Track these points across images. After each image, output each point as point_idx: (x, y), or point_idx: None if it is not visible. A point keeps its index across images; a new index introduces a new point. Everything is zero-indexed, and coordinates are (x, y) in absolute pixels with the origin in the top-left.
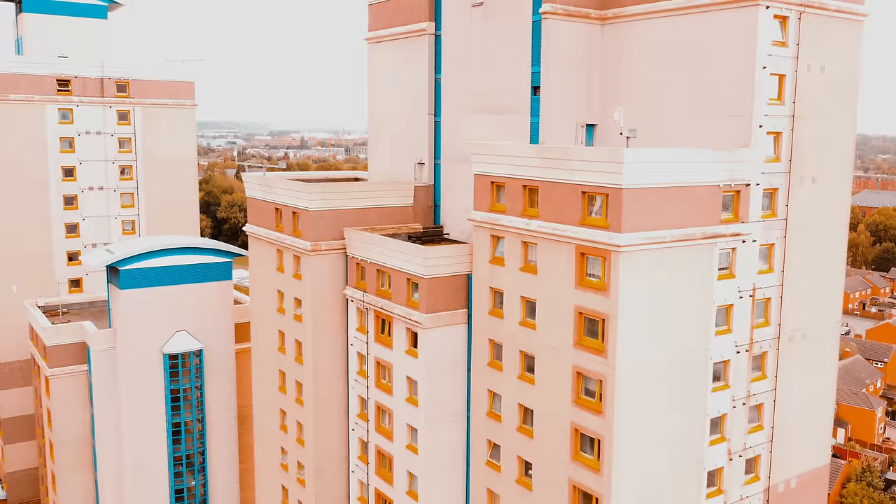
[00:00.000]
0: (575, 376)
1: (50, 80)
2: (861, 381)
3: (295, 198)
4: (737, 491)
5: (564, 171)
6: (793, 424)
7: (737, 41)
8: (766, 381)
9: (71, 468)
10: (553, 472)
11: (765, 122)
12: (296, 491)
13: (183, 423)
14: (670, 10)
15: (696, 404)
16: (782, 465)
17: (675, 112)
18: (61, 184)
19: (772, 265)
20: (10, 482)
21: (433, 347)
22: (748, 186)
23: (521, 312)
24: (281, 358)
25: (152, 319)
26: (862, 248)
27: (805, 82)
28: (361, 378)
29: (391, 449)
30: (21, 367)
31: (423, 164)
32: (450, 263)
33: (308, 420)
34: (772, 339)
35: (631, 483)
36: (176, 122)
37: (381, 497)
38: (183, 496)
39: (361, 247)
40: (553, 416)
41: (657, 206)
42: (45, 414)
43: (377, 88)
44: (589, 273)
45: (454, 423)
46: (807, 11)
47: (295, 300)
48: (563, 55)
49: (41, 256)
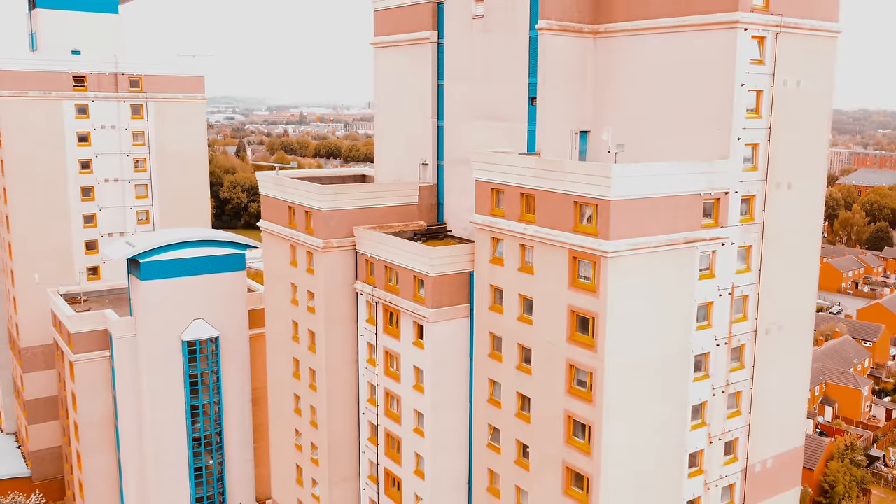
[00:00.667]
0: (568, 368)
1: (66, 77)
2: (849, 361)
3: (308, 198)
4: (716, 471)
5: (558, 181)
6: (769, 410)
7: (717, 60)
8: (744, 370)
9: (95, 448)
10: (548, 455)
11: (743, 135)
12: (309, 470)
13: (201, 405)
14: (657, 28)
15: (679, 393)
16: (759, 447)
17: (661, 122)
18: (78, 176)
19: (750, 265)
20: (35, 460)
21: (438, 339)
22: (727, 194)
23: (519, 309)
24: (295, 346)
25: (171, 308)
26: (856, 228)
27: (781, 96)
28: (371, 366)
29: (399, 432)
30: (43, 351)
31: (427, 165)
32: (453, 262)
33: (321, 404)
34: (749, 333)
35: (619, 465)
36: (187, 116)
37: (390, 476)
38: (202, 474)
39: (371, 245)
40: (548, 404)
41: (642, 215)
42: (70, 397)
43: (383, 91)
44: (580, 275)
45: (458, 408)
46: (783, 31)
47: (308, 293)
48: (558, 68)
49: (60, 246)
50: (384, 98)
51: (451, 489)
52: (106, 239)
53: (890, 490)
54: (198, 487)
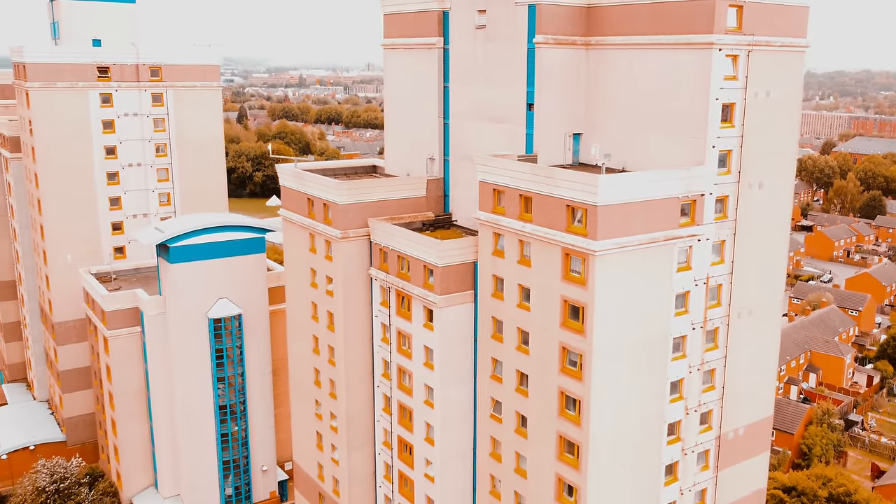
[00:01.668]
0: (561, 350)
1: (91, 68)
2: (834, 330)
3: (327, 192)
4: (692, 439)
5: (552, 187)
6: (740, 384)
7: (694, 76)
8: (717, 350)
9: (129, 416)
10: (544, 425)
11: (717, 143)
12: (329, 436)
13: (226, 376)
14: (641, 44)
15: (659, 371)
16: (731, 417)
17: (645, 127)
18: (104, 162)
19: (723, 257)
20: (69, 426)
21: (446, 322)
22: (703, 196)
23: (518, 297)
24: (314, 325)
25: (198, 288)
26: (850, 196)
27: (752, 107)
28: (385, 344)
29: (411, 403)
30: (75, 325)
31: (434, 160)
32: (460, 254)
33: (340, 378)
34: (723, 317)
35: (605, 434)
36: (204, 102)
37: (403, 442)
38: (227, 439)
39: (384, 236)
40: (544, 381)
41: (626, 217)
42: (104, 369)
43: (392, 89)
44: (572, 269)
45: (464, 383)
46: (755, 49)
47: (326, 277)
48: (554, 77)
49: (88, 227)
50: (393, 96)
51: (457, 455)
52: (130, 220)
53: (866, 452)
54: (224, 452)
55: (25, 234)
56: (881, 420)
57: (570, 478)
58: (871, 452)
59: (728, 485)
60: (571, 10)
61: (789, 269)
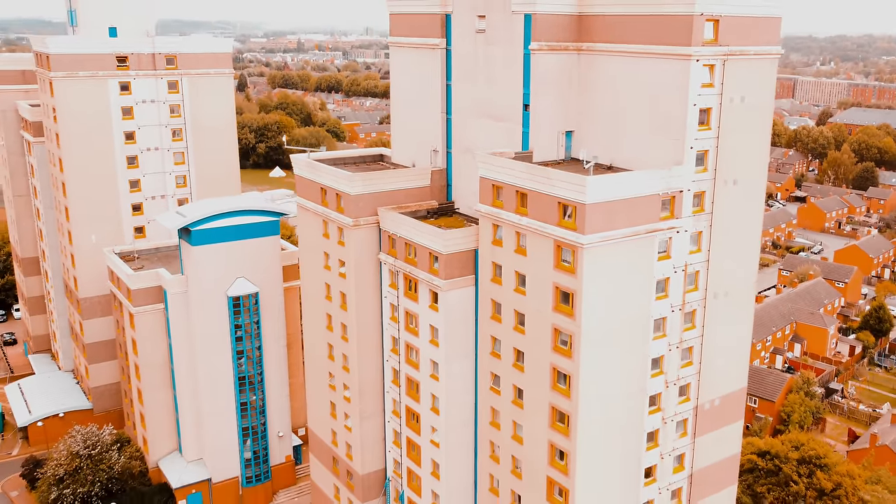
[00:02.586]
0: (553, 331)
1: (110, 58)
2: (820, 302)
3: (339, 183)
4: (672, 409)
5: (546, 185)
6: (716, 360)
7: (673, 84)
8: (695, 330)
9: (155, 386)
10: (538, 397)
11: (695, 144)
12: (342, 406)
13: (245, 350)
14: (626, 52)
15: (641, 349)
16: (707, 389)
17: (631, 127)
18: (124, 146)
19: (700, 247)
20: (95, 395)
21: (450, 304)
22: (681, 192)
23: (515, 282)
24: (328, 304)
25: (218, 269)
26: (843, 168)
27: (728, 111)
28: (393, 322)
29: (418, 377)
30: (100, 301)
31: (438, 152)
32: (462, 242)
33: (352, 352)
34: (700, 300)
35: (592, 405)
36: (217, 89)
37: (411, 412)
38: (246, 407)
39: (393, 224)
40: (537, 358)
41: (611, 213)
42: (130, 342)
43: (398, 84)
44: (563, 259)
45: (466, 359)
46: (730, 58)
47: (339, 261)
48: (548, 81)
49: (110, 209)
50: (400, 90)
51: (460, 423)
52: (149, 202)
53: (844, 419)
54: (243, 419)
55: (49, 214)
56: (861, 388)
57: (562, 444)
58: (849, 419)
59: (705, 450)
60: (564, 18)
61: (781, 240)
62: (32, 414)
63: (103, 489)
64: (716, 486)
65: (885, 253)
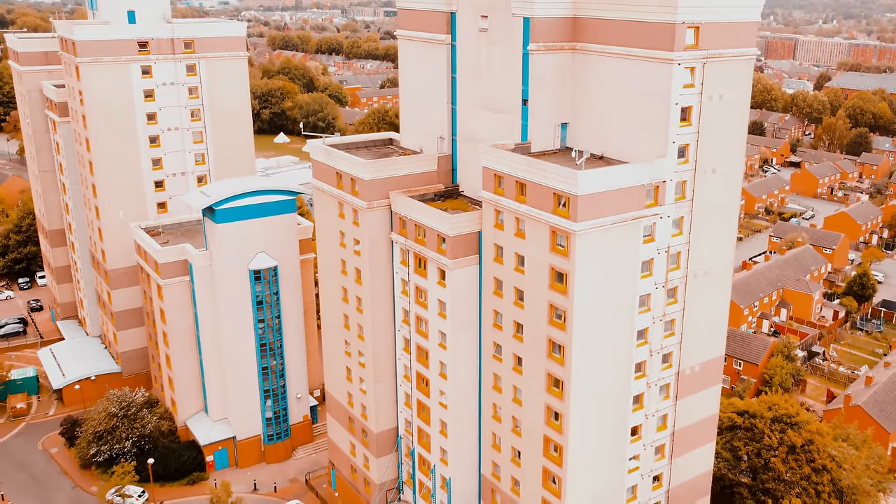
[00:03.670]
0: (549, 307)
1: (132, 43)
2: (806, 268)
3: (353, 169)
4: (656, 375)
5: (542, 177)
6: (696, 331)
7: (657, 85)
8: (676, 304)
9: (182, 352)
10: (535, 364)
11: (677, 139)
12: (357, 371)
13: (265, 319)
14: (615, 53)
15: (628, 322)
16: (688, 357)
17: (619, 121)
18: (146, 126)
19: (682, 230)
20: (124, 359)
21: (456, 281)
22: (664, 182)
23: (515, 262)
24: (343, 278)
25: (240, 244)
26: (838, 133)
27: (708, 108)
28: (404, 296)
29: (427, 345)
30: (126, 272)
31: (443, 139)
32: (467, 225)
33: (367, 323)
34: (681, 278)
35: (583, 372)
36: (232, 70)
37: (421, 377)
38: (267, 372)
39: (404, 207)
40: (535, 330)
41: (601, 203)
42: (158, 311)
43: (407, 74)
44: (557, 243)
45: (471, 330)
46: (710, 61)
47: (354, 239)
48: (545, 78)
49: (135, 185)
50: (407, 80)
51: (465, 387)
52: (170, 178)
53: (825, 380)
54: (264, 382)
55: (75, 189)
56: (842, 351)
57: (556, 406)
58: (829, 380)
59: (686, 411)
60: (560, 20)
61: (774, 206)
62: (66, 377)
63: (135, 446)
64: (696, 443)
65: (874, 219)
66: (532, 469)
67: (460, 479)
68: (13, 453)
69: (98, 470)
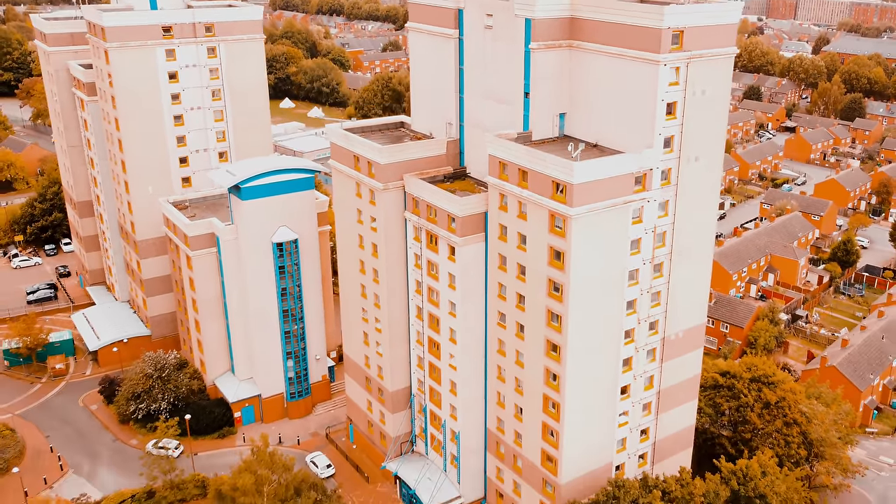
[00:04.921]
0: (548, 281)
1: (157, 28)
2: (794, 235)
3: (370, 153)
4: (643, 341)
5: (542, 166)
6: (680, 302)
7: (645, 83)
8: (662, 278)
9: (210, 317)
10: (535, 331)
11: (663, 131)
12: (373, 335)
13: (287, 287)
14: (607, 52)
15: (618, 295)
16: (673, 325)
17: (610, 115)
18: (171, 106)
19: (667, 212)
20: (153, 323)
21: (465, 256)
22: (651, 170)
23: (518, 241)
24: (361, 252)
25: (263, 219)
26: (833, 98)
27: (691, 103)
28: (417, 269)
29: (438, 313)
30: (154, 242)
31: (452, 125)
32: (475, 206)
33: (382, 292)
34: (666, 255)
35: (578, 338)
36: (250, 52)
37: (432, 341)
38: (289, 335)
39: (417, 189)
40: (535, 300)
41: (594, 190)
42: (187, 280)
43: (417, 63)
44: (556, 225)
45: (478, 300)
46: (693, 60)
47: (370, 217)
48: (545, 74)
49: (161, 161)
50: (418, 69)
51: (473, 351)
52: (194, 155)
53: (807, 342)
54: (286, 344)
55: (103, 164)
56: (825, 314)
57: (554, 368)
58: (810, 342)
59: (671, 372)
60: (559, 21)
61: (767, 172)
62: (101, 339)
63: (169, 404)
64: (679, 400)
65: (863, 186)
66: (532, 424)
67: (468, 432)
68: (57, 410)
69: (136, 425)
